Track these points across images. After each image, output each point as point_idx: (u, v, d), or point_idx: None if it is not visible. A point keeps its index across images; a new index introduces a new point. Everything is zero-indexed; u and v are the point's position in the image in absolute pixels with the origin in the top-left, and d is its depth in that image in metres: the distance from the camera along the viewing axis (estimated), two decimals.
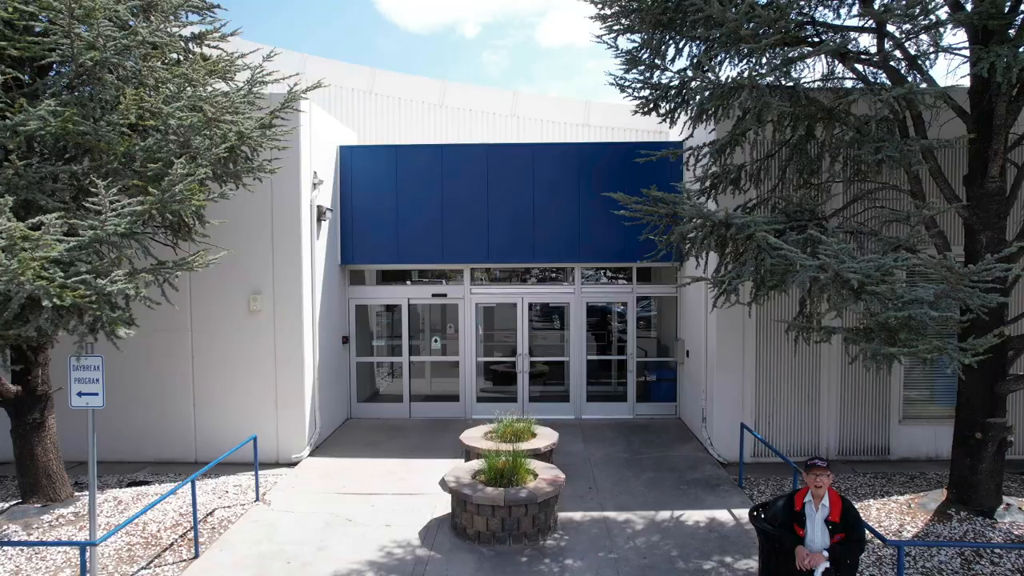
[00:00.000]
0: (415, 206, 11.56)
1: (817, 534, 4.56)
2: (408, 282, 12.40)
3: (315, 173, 10.13)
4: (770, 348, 9.43)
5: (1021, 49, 5.17)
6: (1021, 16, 6.02)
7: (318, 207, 10.21)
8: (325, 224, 10.63)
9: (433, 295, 12.16)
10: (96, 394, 5.72)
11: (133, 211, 5.04)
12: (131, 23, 5.63)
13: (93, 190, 5.30)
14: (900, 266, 5.57)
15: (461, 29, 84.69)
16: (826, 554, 4.48)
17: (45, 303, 4.56)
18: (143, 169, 5.62)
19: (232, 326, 9.61)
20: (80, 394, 5.70)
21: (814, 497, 4.58)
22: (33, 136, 5.08)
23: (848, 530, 4.53)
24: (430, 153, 11.58)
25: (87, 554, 5.26)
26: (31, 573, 6.13)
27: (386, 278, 12.46)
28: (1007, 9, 5.55)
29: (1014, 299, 8.21)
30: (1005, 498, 7.23)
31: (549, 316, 12.79)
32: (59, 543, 6.13)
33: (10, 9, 5.11)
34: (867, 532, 4.93)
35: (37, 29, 5.73)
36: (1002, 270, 5.05)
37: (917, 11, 5.47)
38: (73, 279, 4.67)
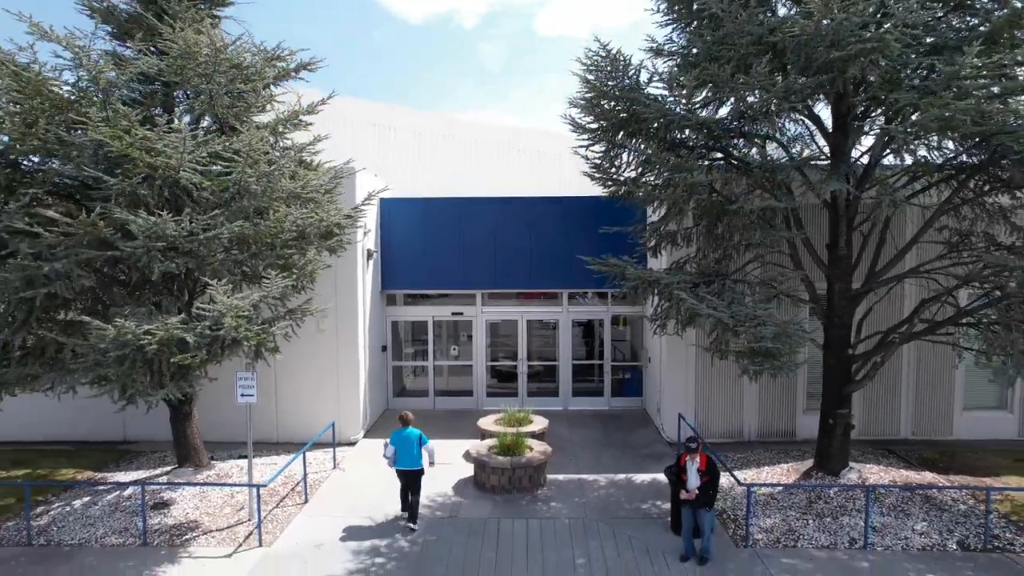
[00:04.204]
0: (438, 244, 14.82)
1: (693, 478, 7.89)
2: (432, 303, 15.66)
3: (364, 224, 13.36)
4: (705, 357, 12.66)
5: (828, 181, 8.39)
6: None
7: (367, 250, 13.48)
8: (371, 261, 13.89)
9: (452, 313, 15.47)
10: (252, 395, 9.02)
11: (285, 284, 8.28)
12: (275, 156, 8.87)
13: (250, 267, 8.59)
14: (763, 312, 8.84)
15: (459, 19, 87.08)
16: (697, 490, 7.82)
17: (245, 344, 7.81)
18: (281, 252, 8.88)
19: (305, 342, 12.82)
20: (242, 395, 8.99)
21: (690, 459, 7.92)
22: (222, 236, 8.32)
23: (710, 475, 7.87)
24: (450, 204, 14.84)
25: (259, 492, 8.60)
26: (205, 508, 9.47)
27: (415, 299, 15.72)
28: (828, 156, 8.81)
29: (869, 324, 11.49)
30: (852, 464, 10.59)
31: (543, 328, 16.09)
32: (238, 484, 9.38)
33: (206, 157, 8.31)
34: (734, 478, 8.21)
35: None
36: (803, 323, 8.35)
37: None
38: (258, 327, 7.95)
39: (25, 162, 8.59)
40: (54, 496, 9.95)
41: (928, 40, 7.87)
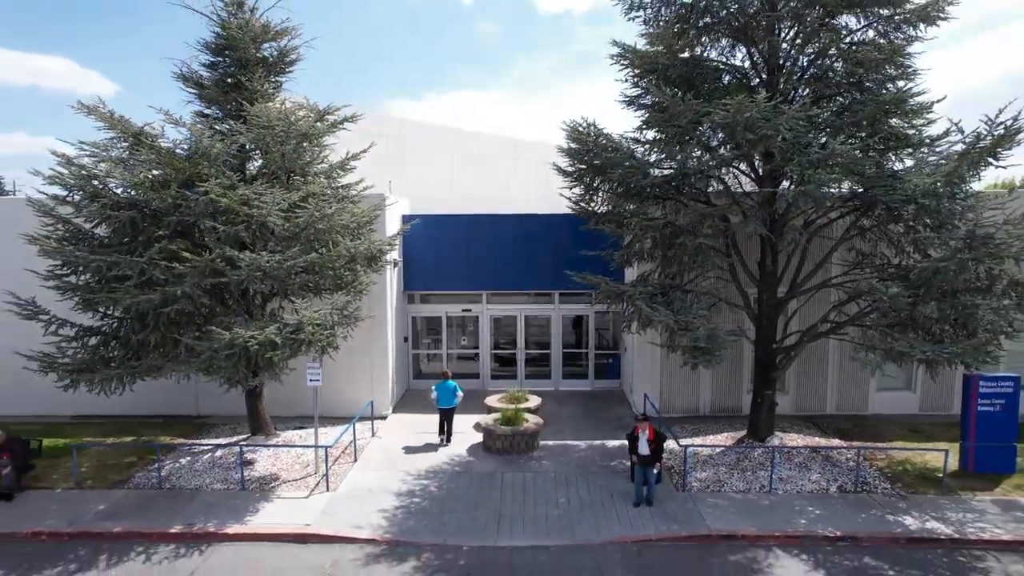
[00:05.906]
0: (451, 252, 17.71)
1: (643, 445, 10.89)
2: (445, 301, 18.55)
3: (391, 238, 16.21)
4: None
5: (750, 222, 11.24)
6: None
7: (394, 259, 16.37)
8: (396, 269, 16.79)
9: (462, 310, 18.43)
10: (319, 380, 12.00)
11: (347, 299, 11.21)
12: (330, 196, 11.75)
13: (314, 284, 11.54)
14: (697, 320, 11.75)
15: None
16: (647, 454, 10.82)
17: (317, 344, 10.75)
18: (339, 273, 11.81)
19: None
20: (311, 380, 11.98)
21: (641, 430, 10.92)
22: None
23: (657, 442, 10.87)
24: (461, 220, 17.72)
25: (327, 451, 11.64)
26: (279, 466, 12.51)
27: (431, 298, 18.63)
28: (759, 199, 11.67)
29: (798, 322, 14.42)
30: (777, 433, 13.62)
31: (538, 322, 19.04)
32: (310, 446, 12.38)
33: (286, 207, 11.16)
34: (676, 442, 11.25)
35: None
36: (726, 327, 11.29)
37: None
38: (327, 331, 10.91)
39: (144, 209, 11.42)
40: (163, 456, 12.97)
41: (819, 120, 10.70)
